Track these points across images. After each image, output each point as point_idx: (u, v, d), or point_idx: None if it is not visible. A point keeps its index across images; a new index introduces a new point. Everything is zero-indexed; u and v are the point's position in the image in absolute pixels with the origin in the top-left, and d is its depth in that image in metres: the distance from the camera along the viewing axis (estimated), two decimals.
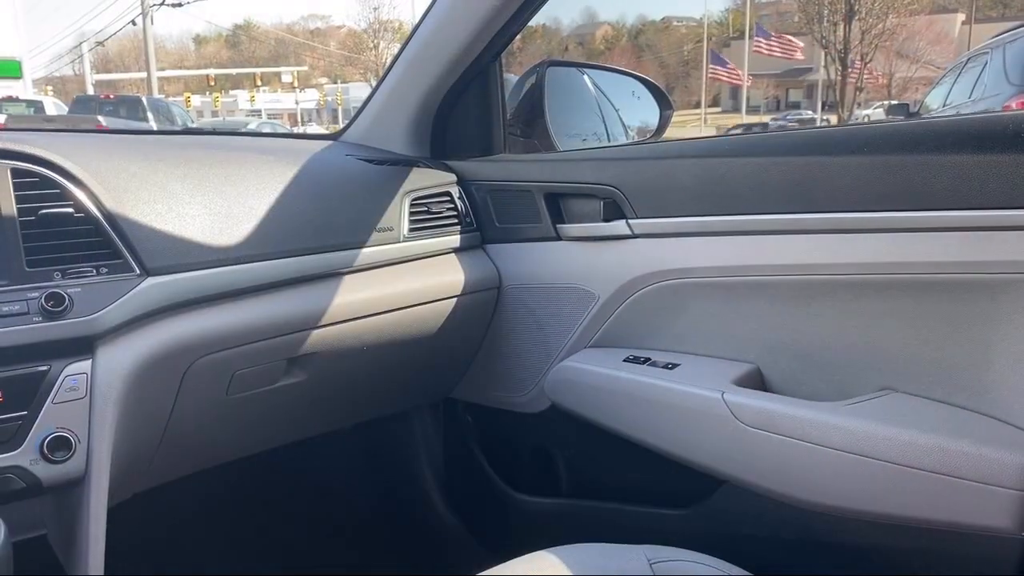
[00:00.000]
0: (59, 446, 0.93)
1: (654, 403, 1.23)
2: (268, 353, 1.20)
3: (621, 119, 1.92)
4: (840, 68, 34.07)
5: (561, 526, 1.52)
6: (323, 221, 1.27)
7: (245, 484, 1.68)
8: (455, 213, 1.48)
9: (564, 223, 1.42)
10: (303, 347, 1.23)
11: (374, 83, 1.74)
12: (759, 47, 34.28)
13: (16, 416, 0.92)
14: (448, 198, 1.48)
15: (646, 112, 1.83)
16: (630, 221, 1.31)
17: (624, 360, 1.31)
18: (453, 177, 1.51)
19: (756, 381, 1.21)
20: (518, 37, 1.52)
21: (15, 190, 0.97)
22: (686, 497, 1.29)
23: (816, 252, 1.12)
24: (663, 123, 1.81)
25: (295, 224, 1.23)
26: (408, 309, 1.36)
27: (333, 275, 1.27)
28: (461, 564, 1.02)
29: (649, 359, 1.29)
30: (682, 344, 1.30)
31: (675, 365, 1.26)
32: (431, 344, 1.45)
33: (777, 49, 34.09)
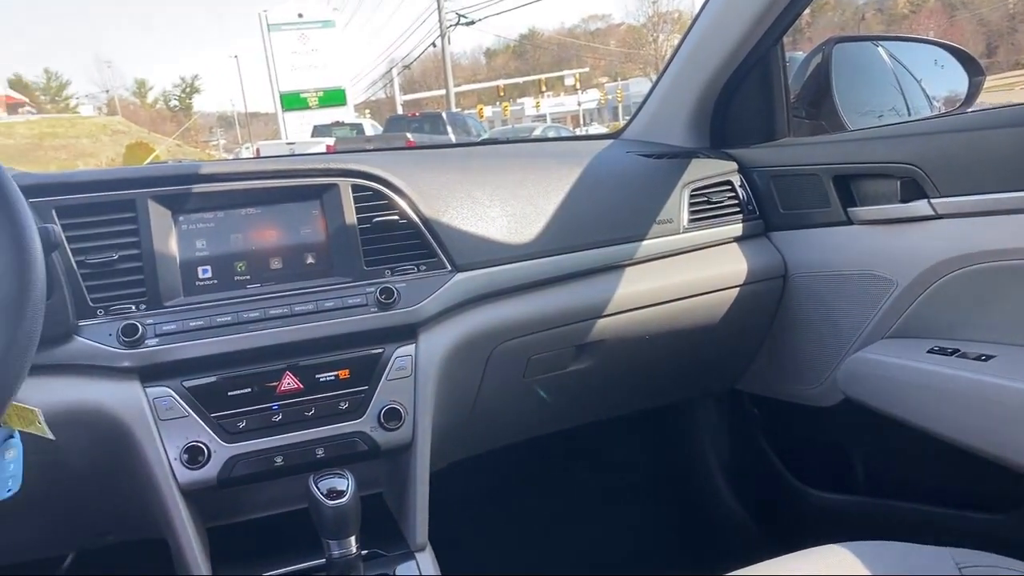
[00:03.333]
0: (392, 416, 1.10)
1: (965, 398, 1.13)
2: (560, 340, 1.30)
3: (924, 91, 1.76)
4: None
5: (854, 523, 1.44)
6: (606, 217, 1.34)
7: (535, 463, 1.81)
8: (736, 202, 1.47)
9: (855, 206, 1.35)
10: (590, 334, 1.32)
11: (653, 78, 1.77)
12: None
13: (360, 390, 1.10)
14: (729, 187, 1.48)
15: (952, 81, 1.66)
16: (932, 201, 1.21)
17: (928, 351, 1.22)
18: (734, 165, 1.50)
19: None
20: (806, 12, 1.47)
21: (355, 202, 1.16)
22: (1002, 500, 1.17)
23: None
24: (973, 91, 1.62)
25: (581, 221, 1.31)
26: (689, 299, 1.39)
27: (617, 267, 1.34)
28: (747, 553, 1.02)
29: (958, 350, 1.19)
30: (997, 334, 1.18)
31: (990, 357, 1.14)
32: (713, 334, 1.45)
33: None
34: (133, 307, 1.05)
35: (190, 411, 1.03)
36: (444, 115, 18.35)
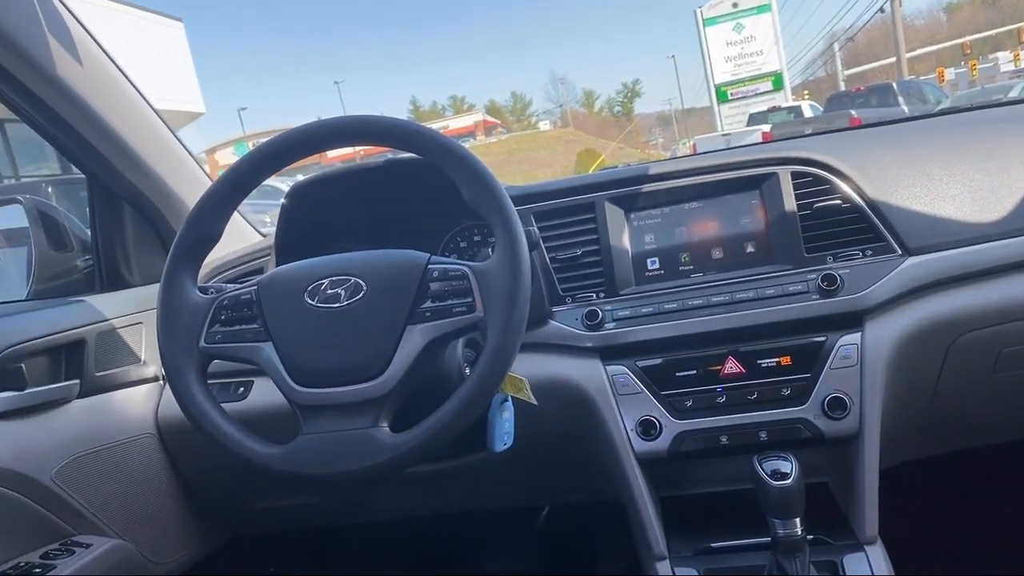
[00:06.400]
0: (837, 406, 1.08)
1: None
2: None
3: None
4: None
5: None
6: None
7: (1007, 471, 1.58)
8: None
9: None
10: None
11: None
12: None
13: (802, 377, 1.11)
14: None
15: None
16: None
17: None
18: None
19: None
20: None
21: (794, 189, 1.17)
22: None
23: None
24: None
25: None
26: None
27: None
28: None
29: None
30: None
31: None
32: None
33: None
34: (594, 295, 1.21)
35: (643, 388, 1.15)
36: (894, 85, 16.63)
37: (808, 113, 17.23)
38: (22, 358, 1.15)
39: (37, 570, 1.07)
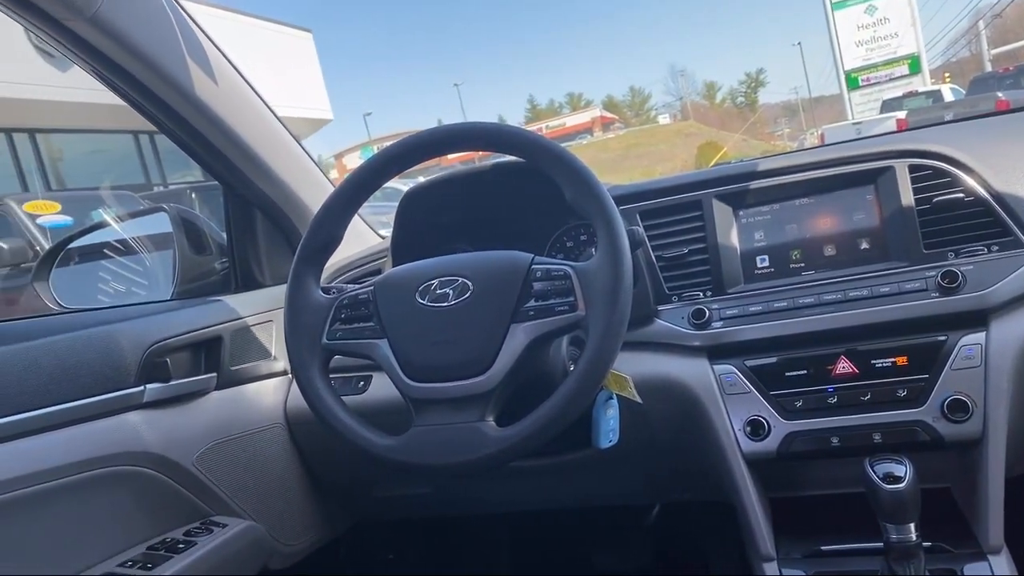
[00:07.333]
0: (957, 408, 1.04)
1: None
2: None
3: None
4: None
5: None
6: None
7: None
8: None
9: None
10: None
11: None
12: None
13: (919, 378, 1.07)
14: None
15: None
16: None
17: None
18: None
19: None
20: None
21: (912, 183, 1.12)
22: None
23: None
24: None
25: None
26: None
27: None
28: None
29: None
30: None
31: None
32: None
33: None
34: (700, 294, 1.20)
35: (751, 388, 1.13)
36: None
37: (949, 97, 16.13)
38: (167, 353, 1.26)
39: (181, 545, 1.18)
